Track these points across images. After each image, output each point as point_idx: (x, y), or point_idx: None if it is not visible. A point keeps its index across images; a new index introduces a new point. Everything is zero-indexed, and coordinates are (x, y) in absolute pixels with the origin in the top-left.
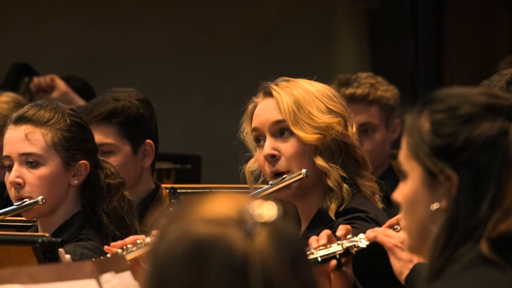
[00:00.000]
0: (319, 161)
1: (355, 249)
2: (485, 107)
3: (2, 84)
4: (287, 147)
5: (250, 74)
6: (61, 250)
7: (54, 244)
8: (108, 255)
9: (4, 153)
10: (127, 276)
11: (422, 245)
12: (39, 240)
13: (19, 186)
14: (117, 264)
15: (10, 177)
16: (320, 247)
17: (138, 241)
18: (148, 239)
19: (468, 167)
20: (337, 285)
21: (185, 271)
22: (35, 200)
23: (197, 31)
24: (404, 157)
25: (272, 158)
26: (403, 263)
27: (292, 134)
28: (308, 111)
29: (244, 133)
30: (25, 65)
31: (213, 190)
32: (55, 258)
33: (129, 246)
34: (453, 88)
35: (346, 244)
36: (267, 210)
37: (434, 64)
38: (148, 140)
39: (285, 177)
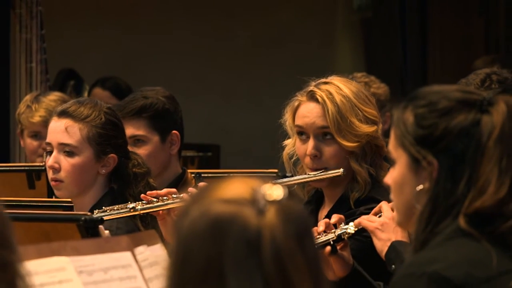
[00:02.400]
0: (353, 163)
1: (346, 235)
2: (460, 102)
3: (51, 86)
4: (329, 150)
5: (262, 74)
6: (101, 226)
7: (95, 222)
8: (139, 207)
9: (47, 140)
10: (157, 248)
11: (408, 221)
12: (83, 218)
13: (55, 170)
14: (149, 238)
15: (49, 161)
16: (319, 235)
17: (173, 196)
18: (180, 194)
19: (446, 153)
20: (336, 267)
21: (205, 245)
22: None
23: (216, 37)
24: (392, 146)
25: (315, 158)
26: (383, 242)
27: (334, 139)
28: (350, 121)
29: (286, 122)
30: (71, 70)
31: (231, 175)
32: (96, 234)
33: (163, 198)
34: (433, 86)
35: (338, 231)
36: (275, 191)
37: (419, 65)
38: (174, 131)
39: (323, 172)
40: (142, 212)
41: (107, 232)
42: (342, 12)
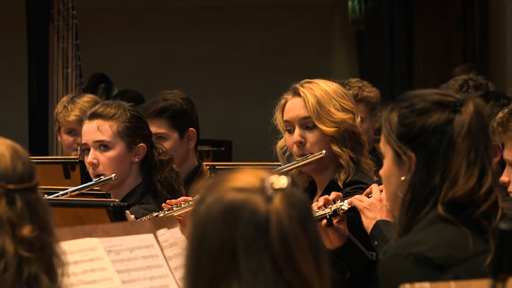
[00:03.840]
0: (335, 147)
1: (341, 211)
2: (436, 103)
3: (85, 89)
4: (312, 137)
5: (269, 79)
6: (127, 211)
7: (122, 207)
8: (161, 215)
9: (83, 141)
10: (176, 231)
11: (394, 207)
12: (111, 204)
13: (94, 165)
14: (169, 223)
15: (88, 159)
16: (318, 209)
17: (189, 201)
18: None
19: (422, 148)
20: (333, 238)
21: (219, 227)
22: (110, 177)
23: (228, 46)
24: (382, 143)
25: (300, 144)
26: (369, 220)
27: (315, 126)
28: (328, 109)
29: (276, 119)
30: (101, 75)
31: (241, 167)
32: (123, 218)
33: (181, 203)
34: (417, 90)
35: (334, 207)
36: (281, 181)
37: (406, 72)
38: (191, 129)
39: (309, 156)
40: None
41: (132, 216)
42: (338, 25)
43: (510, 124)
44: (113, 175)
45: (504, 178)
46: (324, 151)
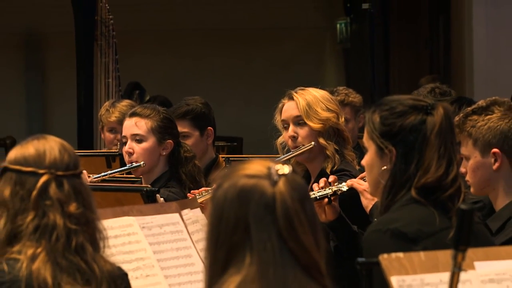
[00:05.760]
0: (321, 140)
1: (340, 191)
2: (412, 106)
3: (123, 95)
4: (303, 132)
5: (273, 87)
6: (157, 195)
7: (153, 191)
8: (188, 199)
9: (123, 134)
10: (197, 211)
11: (376, 192)
12: (144, 189)
13: (130, 154)
14: (191, 204)
15: (125, 148)
16: (319, 189)
17: (209, 190)
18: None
19: (401, 143)
20: (328, 213)
21: (234, 207)
22: (139, 164)
23: (240, 60)
24: (365, 139)
25: (293, 138)
26: (368, 201)
27: (305, 123)
28: (315, 110)
29: (276, 120)
30: (136, 83)
31: (250, 158)
32: (154, 200)
33: (202, 192)
34: (393, 96)
35: (334, 188)
36: (284, 168)
37: (384, 81)
38: (209, 128)
39: (301, 147)
40: None
41: (162, 199)
42: (329, 44)
43: (464, 126)
44: (142, 162)
45: (461, 169)
46: (313, 143)
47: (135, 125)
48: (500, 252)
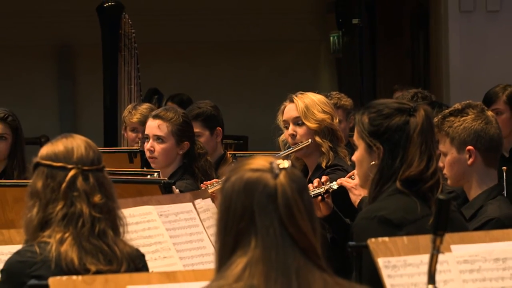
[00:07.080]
0: (317, 138)
1: (331, 189)
2: (396, 109)
3: (143, 99)
4: (301, 130)
5: (275, 92)
6: (173, 187)
7: (170, 184)
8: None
9: (145, 133)
10: (208, 201)
11: (366, 184)
12: (162, 181)
13: (151, 151)
14: (203, 194)
15: (147, 146)
16: (313, 189)
17: (219, 181)
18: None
19: (388, 141)
20: (323, 209)
21: (241, 198)
22: (308, 141)
23: (245, 68)
24: (355, 137)
25: (293, 136)
26: (356, 196)
27: (303, 123)
28: (312, 111)
29: (278, 120)
30: (155, 89)
31: (255, 155)
32: (170, 191)
33: (214, 183)
34: (380, 100)
35: (326, 187)
36: (284, 163)
37: (371, 87)
38: (218, 127)
39: (299, 144)
40: None
41: (177, 190)
42: (323, 54)
43: (442, 126)
44: (309, 140)
45: (440, 164)
46: (310, 140)
47: (157, 127)
48: (473, 236)
